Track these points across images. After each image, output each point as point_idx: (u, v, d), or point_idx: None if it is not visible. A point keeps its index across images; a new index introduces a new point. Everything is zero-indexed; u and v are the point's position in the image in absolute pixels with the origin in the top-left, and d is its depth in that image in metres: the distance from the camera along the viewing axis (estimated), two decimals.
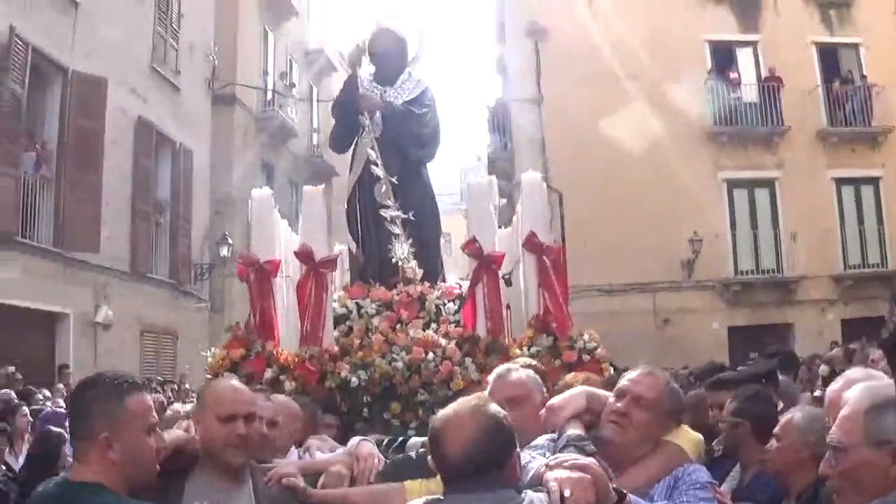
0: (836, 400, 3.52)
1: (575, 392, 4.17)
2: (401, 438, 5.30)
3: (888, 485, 2.93)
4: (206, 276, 26.21)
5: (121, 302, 22.01)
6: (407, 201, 9.06)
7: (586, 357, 7.70)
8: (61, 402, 13.14)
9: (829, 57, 29.74)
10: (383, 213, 8.93)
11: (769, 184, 28.93)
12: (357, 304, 8.43)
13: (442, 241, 10.34)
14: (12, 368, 14.98)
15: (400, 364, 7.50)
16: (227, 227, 25.99)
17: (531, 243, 8.03)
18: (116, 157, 21.90)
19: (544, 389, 4.67)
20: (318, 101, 35.31)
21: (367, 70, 9.68)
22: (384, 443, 5.23)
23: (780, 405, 5.93)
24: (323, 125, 32.82)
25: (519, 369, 4.67)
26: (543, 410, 4.12)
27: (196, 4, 26.84)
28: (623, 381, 4.05)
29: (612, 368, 7.81)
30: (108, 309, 21.25)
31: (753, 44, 29.60)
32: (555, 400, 4.14)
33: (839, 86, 29.22)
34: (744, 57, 29.68)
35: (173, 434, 4.25)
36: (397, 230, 8.88)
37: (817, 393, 7.55)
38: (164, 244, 24.85)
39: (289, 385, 7.49)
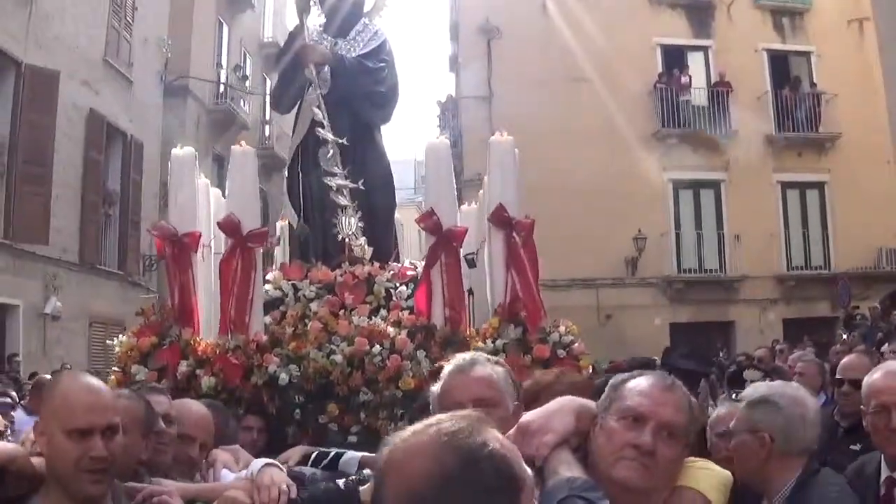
0: None
1: (558, 406, 2.48)
2: (334, 452, 3.69)
3: None
4: (154, 266, 24.50)
5: (70, 293, 20.69)
6: (357, 169, 7.40)
7: (561, 353, 6.17)
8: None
9: (780, 64, 28.75)
10: (329, 181, 7.18)
11: (715, 185, 27.84)
12: (294, 285, 6.78)
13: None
14: None
15: (339, 358, 5.85)
16: None
17: (499, 217, 6.39)
18: (67, 150, 20.52)
19: (517, 394, 2.93)
20: (270, 93, 33.69)
21: (316, 19, 7.92)
22: (313, 457, 3.70)
23: None
24: (276, 118, 31.62)
25: (486, 362, 2.90)
26: (514, 430, 2.36)
27: None
28: (633, 397, 2.42)
29: (591, 368, 6.21)
30: (57, 300, 20.01)
31: (705, 48, 28.54)
32: (531, 416, 2.44)
33: (788, 92, 28.17)
34: (695, 61, 28.49)
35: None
36: (345, 201, 7.15)
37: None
38: (114, 235, 23.71)
39: (207, 381, 5.86)
